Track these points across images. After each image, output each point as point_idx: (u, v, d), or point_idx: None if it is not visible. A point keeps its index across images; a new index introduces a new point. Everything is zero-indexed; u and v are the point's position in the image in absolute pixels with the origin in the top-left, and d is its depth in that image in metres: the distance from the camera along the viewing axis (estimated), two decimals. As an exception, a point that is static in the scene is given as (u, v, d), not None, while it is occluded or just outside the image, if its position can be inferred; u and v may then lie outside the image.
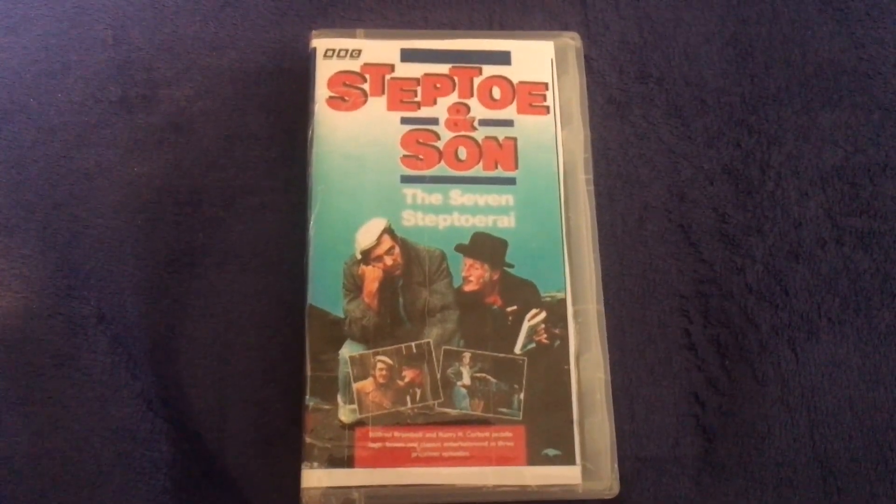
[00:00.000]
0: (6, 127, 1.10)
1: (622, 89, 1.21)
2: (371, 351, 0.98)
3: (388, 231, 1.03)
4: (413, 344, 0.99)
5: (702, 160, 1.18)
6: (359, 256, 1.02)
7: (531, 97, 1.11)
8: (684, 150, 1.18)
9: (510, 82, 1.11)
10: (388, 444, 0.95)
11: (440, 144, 1.07)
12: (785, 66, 1.23)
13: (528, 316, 1.02)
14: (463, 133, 1.08)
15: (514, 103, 1.10)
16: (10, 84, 1.13)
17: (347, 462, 0.94)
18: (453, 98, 1.10)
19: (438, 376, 0.98)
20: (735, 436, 1.06)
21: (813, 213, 1.16)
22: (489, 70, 1.12)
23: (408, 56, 1.11)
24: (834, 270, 1.13)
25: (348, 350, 0.98)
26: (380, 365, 0.98)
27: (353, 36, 1.11)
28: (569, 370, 1.00)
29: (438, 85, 1.10)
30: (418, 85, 1.10)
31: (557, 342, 1.01)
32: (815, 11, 1.25)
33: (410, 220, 1.04)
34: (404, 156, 1.06)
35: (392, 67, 1.10)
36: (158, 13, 1.19)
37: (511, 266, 1.03)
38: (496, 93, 1.11)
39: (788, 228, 1.15)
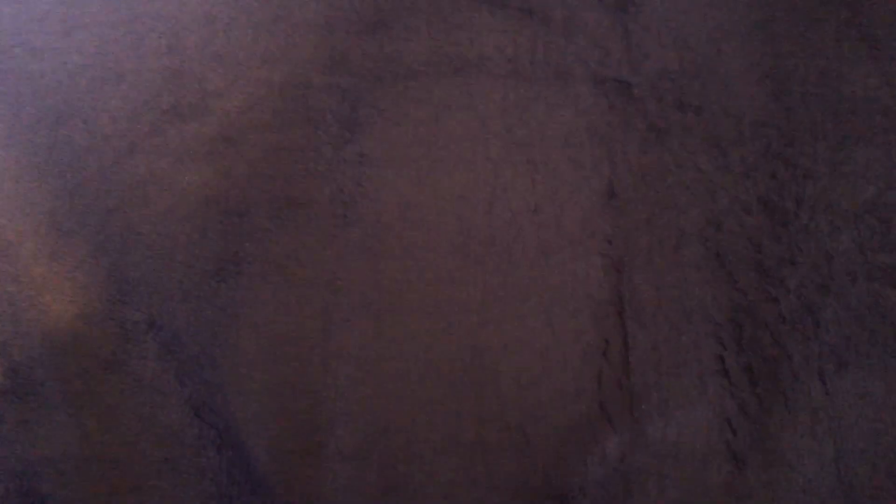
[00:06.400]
0: (61, 131, 1.12)
1: (662, 117, 1.23)
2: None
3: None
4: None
5: (738, 190, 1.20)
6: (406, 274, 1.04)
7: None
8: (721, 180, 1.20)
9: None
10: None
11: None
12: (821, 101, 1.25)
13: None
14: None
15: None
16: (66, 88, 1.14)
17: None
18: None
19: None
20: (764, 463, 1.08)
21: (845, 248, 1.18)
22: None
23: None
24: (863, 305, 1.16)
25: (395, 366, 1.00)
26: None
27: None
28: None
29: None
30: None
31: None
32: (850, 49, 1.28)
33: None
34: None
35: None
36: (211, 24, 1.20)
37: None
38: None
39: (821, 261, 1.17)
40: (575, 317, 1.12)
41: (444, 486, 1.06)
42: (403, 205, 1.14)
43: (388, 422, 1.07)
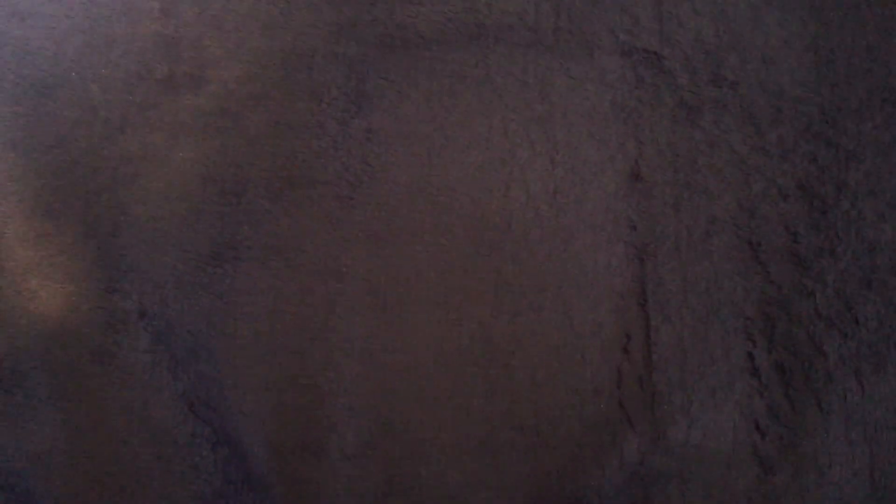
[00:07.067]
0: (48, 102, 1.05)
1: (694, 92, 1.14)
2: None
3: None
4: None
5: (775, 173, 1.12)
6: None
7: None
8: (757, 162, 1.12)
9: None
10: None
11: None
12: (867, 77, 1.16)
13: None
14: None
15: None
16: (52, 56, 1.07)
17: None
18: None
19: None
20: (794, 468, 1.02)
21: (889, 238, 1.10)
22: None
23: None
24: (908, 300, 1.08)
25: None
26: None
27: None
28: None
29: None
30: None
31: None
32: (903, 19, 1.18)
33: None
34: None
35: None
36: (209, -14, 1.12)
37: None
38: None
39: (862, 253, 1.10)
40: (594, 309, 1.06)
41: (451, 489, 1.01)
42: (413, 185, 1.07)
43: (394, 419, 1.01)
